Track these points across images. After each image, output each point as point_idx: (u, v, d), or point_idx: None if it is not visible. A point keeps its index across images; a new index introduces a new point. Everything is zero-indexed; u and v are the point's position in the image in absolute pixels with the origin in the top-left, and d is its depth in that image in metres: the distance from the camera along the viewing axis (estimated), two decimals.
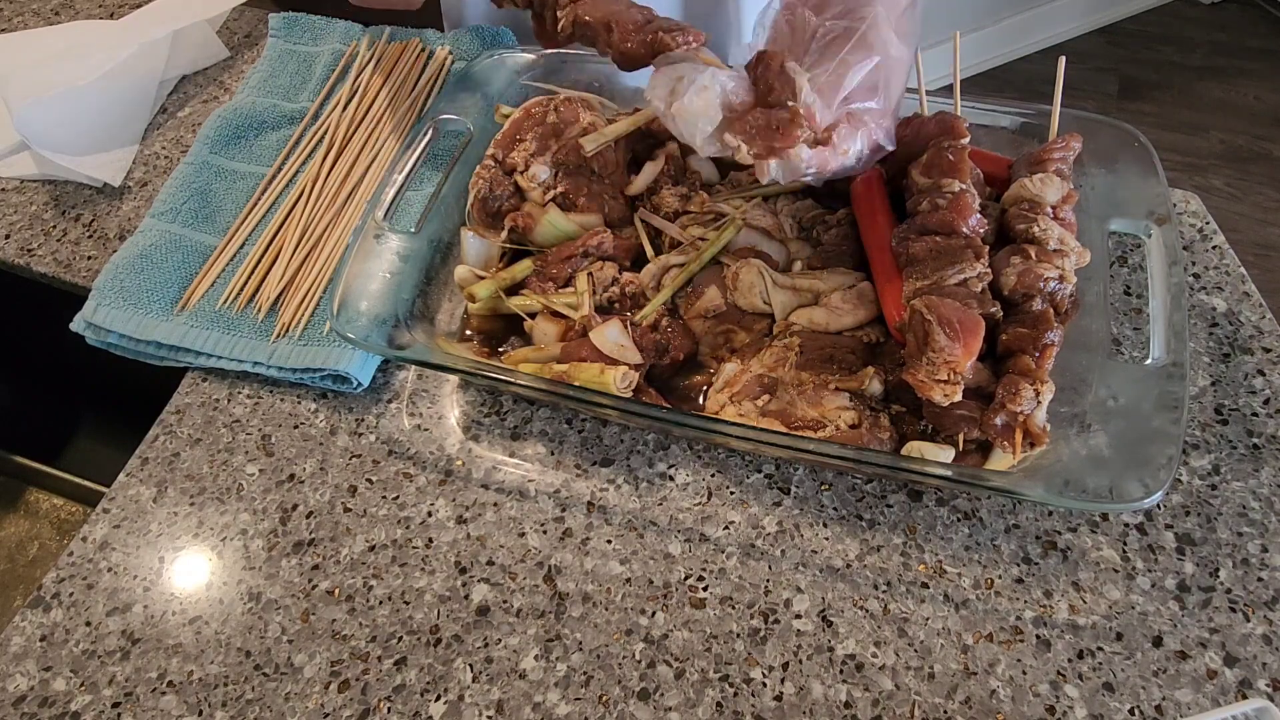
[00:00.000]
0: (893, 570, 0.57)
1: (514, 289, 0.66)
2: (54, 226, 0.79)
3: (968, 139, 0.62)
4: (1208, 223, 0.73)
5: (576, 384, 0.57)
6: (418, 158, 0.67)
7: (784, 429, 0.57)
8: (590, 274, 0.64)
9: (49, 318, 0.75)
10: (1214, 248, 0.72)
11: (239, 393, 0.67)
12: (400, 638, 0.55)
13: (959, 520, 0.59)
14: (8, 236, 0.78)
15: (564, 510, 0.60)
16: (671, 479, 0.61)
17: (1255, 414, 0.63)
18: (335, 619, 0.56)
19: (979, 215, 0.59)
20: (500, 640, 0.55)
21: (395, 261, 0.64)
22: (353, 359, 0.65)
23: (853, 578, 0.57)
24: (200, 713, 0.53)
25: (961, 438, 0.55)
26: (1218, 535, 0.57)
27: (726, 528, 0.59)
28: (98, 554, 0.60)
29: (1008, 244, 0.60)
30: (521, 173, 0.68)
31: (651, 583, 0.57)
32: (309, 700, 0.53)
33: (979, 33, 2.27)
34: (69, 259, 0.76)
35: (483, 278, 0.65)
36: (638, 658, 0.54)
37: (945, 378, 0.52)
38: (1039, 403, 0.53)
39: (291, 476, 0.63)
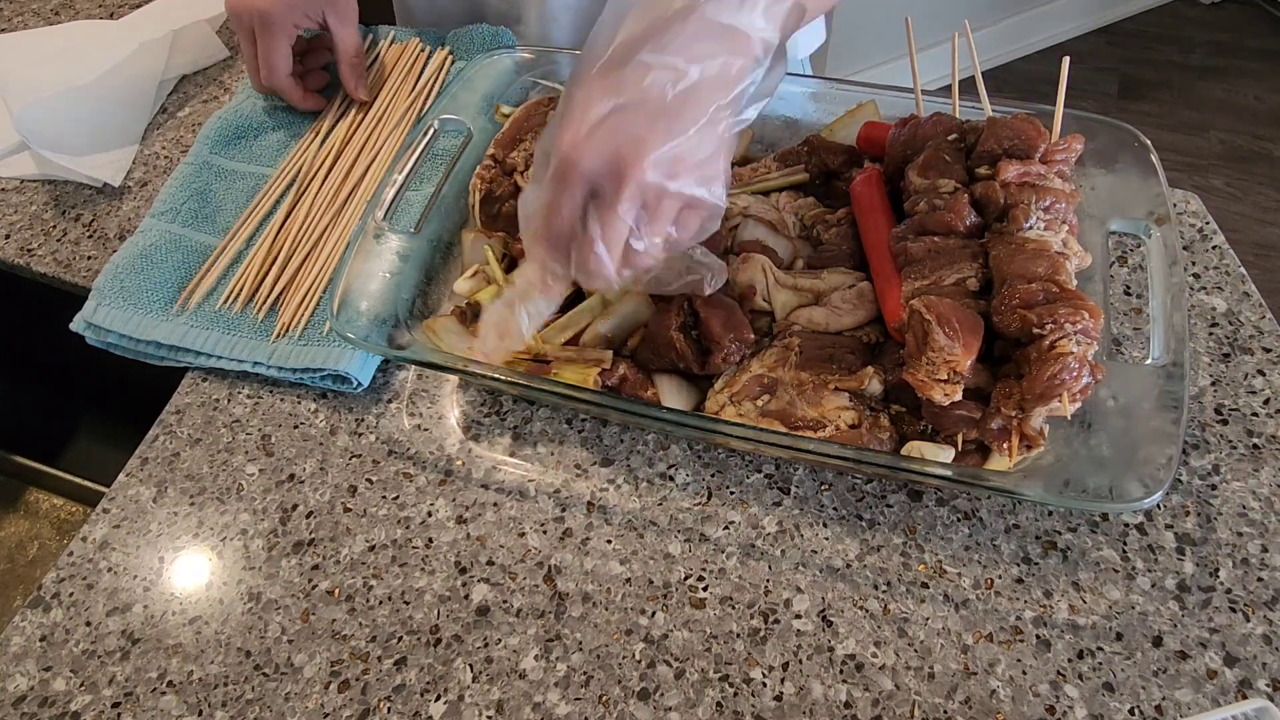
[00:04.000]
0: (893, 570, 0.57)
1: None
2: (54, 226, 0.79)
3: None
4: (1208, 223, 0.73)
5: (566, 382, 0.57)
6: (418, 158, 0.67)
7: (784, 429, 0.57)
8: None
9: (49, 318, 0.75)
10: (1214, 248, 0.72)
11: (239, 393, 0.67)
12: (400, 638, 0.55)
13: (959, 520, 0.59)
14: (8, 236, 0.78)
15: (564, 510, 0.60)
16: (671, 479, 0.61)
17: (1255, 414, 0.63)
18: (335, 619, 0.56)
19: (976, 215, 0.59)
20: (500, 640, 0.55)
21: (395, 261, 0.64)
22: (353, 359, 0.65)
23: (853, 578, 0.57)
24: (200, 713, 0.53)
25: (961, 438, 0.55)
26: (1218, 535, 0.57)
27: (726, 528, 0.59)
28: (98, 554, 0.60)
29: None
30: (521, 173, 0.68)
31: (651, 583, 0.57)
32: (309, 700, 0.53)
33: (979, 33, 2.26)
34: (69, 259, 0.76)
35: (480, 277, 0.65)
36: (638, 658, 0.54)
37: (945, 377, 0.52)
38: None
39: (291, 476, 0.63)
